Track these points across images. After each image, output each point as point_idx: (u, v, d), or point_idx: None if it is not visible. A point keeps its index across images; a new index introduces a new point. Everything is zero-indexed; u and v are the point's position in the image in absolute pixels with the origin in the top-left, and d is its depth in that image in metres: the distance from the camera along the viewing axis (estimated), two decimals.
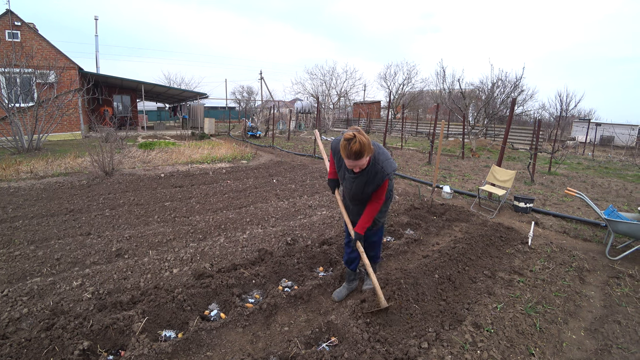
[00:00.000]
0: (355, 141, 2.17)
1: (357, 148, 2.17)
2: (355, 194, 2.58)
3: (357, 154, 2.19)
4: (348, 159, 2.26)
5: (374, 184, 2.45)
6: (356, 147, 2.17)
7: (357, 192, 2.55)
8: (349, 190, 2.62)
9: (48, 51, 14.56)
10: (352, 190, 2.57)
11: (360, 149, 2.18)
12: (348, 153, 2.21)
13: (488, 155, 13.67)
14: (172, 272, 3.30)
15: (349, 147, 2.18)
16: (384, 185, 2.50)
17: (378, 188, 2.49)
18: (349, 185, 2.58)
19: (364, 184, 2.47)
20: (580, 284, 3.41)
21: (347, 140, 2.20)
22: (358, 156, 2.21)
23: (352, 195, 2.62)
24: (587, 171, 11.06)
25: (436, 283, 3.11)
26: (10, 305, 2.74)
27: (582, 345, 2.50)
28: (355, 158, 2.22)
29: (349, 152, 2.20)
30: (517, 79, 14.28)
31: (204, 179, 7.62)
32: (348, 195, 2.70)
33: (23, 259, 3.53)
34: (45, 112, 11.29)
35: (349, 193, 2.66)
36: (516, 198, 5.78)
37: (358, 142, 2.17)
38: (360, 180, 2.47)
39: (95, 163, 7.59)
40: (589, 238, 4.71)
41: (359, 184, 2.49)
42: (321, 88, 31.73)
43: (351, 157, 2.22)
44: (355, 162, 2.27)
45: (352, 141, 2.18)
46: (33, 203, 5.49)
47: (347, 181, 2.57)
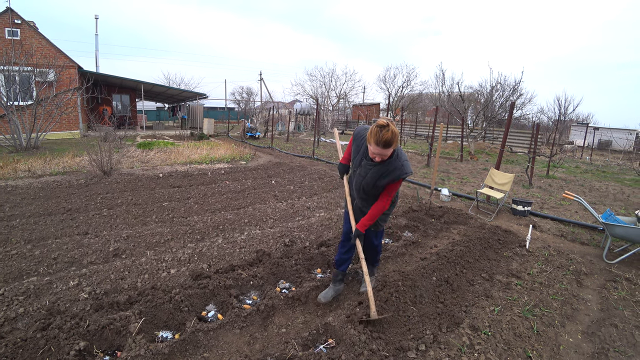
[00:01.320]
0: (389, 129, 2.15)
1: (388, 137, 2.15)
2: (368, 185, 2.52)
3: (386, 142, 2.17)
4: (376, 146, 2.21)
5: (389, 178, 2.41)
6: (388, 136, 2.15)
7: (370, 183, 2.49)
8: (362, 178, 2.54)
9: (48, 49, 14.54)
10: (366, 179, 2.50)
11: (392, 138, 2.16)
12: (378, 139, 2.18)
13: (486, 159, 13.71)
14: (170, 272, 3.29)
15: (381, 133, 2.16)
16: (397, 184, 2.47)
17: (390, 184, 2.45)
18: (364, 172, 2.51)
19: (379, 175, 2.43)
20: (577, 287, 3.42)
21: (380, 127, 2.17)
22: (387, 145, 2.19)
23: (364, 185, 2.54)
24: (585, 175, 11.10)
25: (434, 285, 3.11)
26: (6, 305, 2.72)
27: (579, 348, 2.50)
28: (384, 146, 2.20)
29: (379, 139, 2.17)
30: (516, 82, 14.36)
31: (202, 180, 7.61)
32: (358, 185, 2.62)
33: (20, 258, 3.51)
34: (44, 110, 11.26)
35: (360, 182, 2.58)
36: (514, 201, 5.79)
37: (391, 131, 2.16)
38: (376, 170, 2.43)
39: (93, 162, 7.57)
40: (587, 242, 4.73)
41: (375, 174, 2.44)
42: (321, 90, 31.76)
43: (380, 144, 2.19)
44: (382, 151, 2.23)
45: (385, 128, 2.16)
46: (30, 202, 5.47)
47: (363, 168, 2.51)
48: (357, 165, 2.58)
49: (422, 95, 31.31)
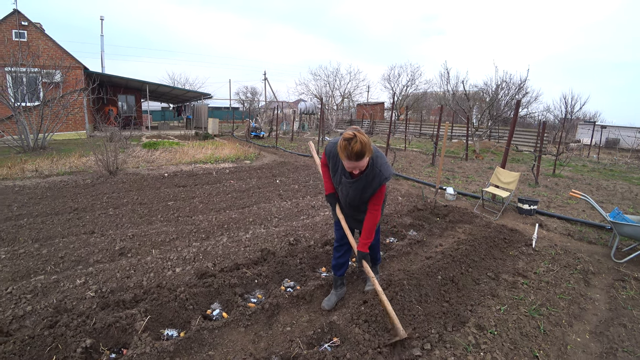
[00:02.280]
0: (356, 140, 2.04)
1: (358, 148, 2.05)
2: (353, 200, 2.47)
3: (358, 154, 2.07)
4: (349, 160, 2.12)
5: (372, 188, 2.35)
6: (357, 147, 2.04)
7: (355, 198, 2.44)
8: (346, 196, 2.50)
9: (54, 51, 14.69)
10: (349, 195, 2.46)
11: (362, 149, 2.06)
12: (349, 154, 2.07)
13: (492, 157, 13.61)
14: (175, 271, 3.30)
15: (350, 147, 2.05)
16: (382, 190, 2.38)
17: (375, 193, 2.38)
18: (346, 190, 2.46)
19: (361, 188, 2.37)
20: (585, 286, 3.38)
21: (347, 140, 2.06)
22: (359, 157, 2.08)
23: (350, 200, 2.51)
24: (592, 174, 10.97)
25: (439, 284, 3.10)
26: (14, 303, 2.75)
27: (587, 348, 2.47)
28: (357, 159, 2.09)
29: (349, 153, 2.07)
30: (522, 81, 14.24)
31: (207, 179, 7.64)
32: (344, 200, 2.58)
33: (27, 257, 3.55)
34: (50, 111, 11.38)
35: (345, 199, 2.54)
36: (520, 200, 5.75)
37: (359, 142, 2.04)
38: (357, 185, 2.37)
39: (99, 162, 7.64)
40: (594, 241, 4.67)
41: (357, 188, 2.38)
42: (325, 89, 31.80)
43: (352, 158, 2.09)
44: (356, 164, 2.14)
45: (352, 141, 2.05)
46: (38, 201, 5.53)
47: (344, 186, 2.46)
48: (338, 183, 2.53)
49: (427, 94, 31.22)
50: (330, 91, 31.82)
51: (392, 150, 11.02)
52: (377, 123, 28.17)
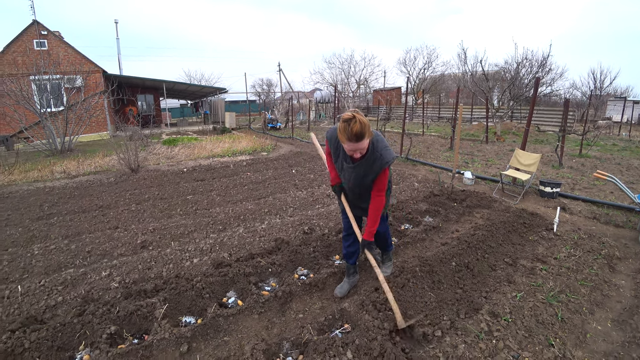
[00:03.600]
0: (355, 121, 2.03)
1: (357, 128, 2.03)
2: (355, 185, 2.48)
3: (357, 135, 2.05)
4: (349, 142, 2.10)
5: (373, 173, 2.33)
6: (357, 128, 2.03)
7: (357, 183, 2.45)
8: (348, 181, 2.51)
9: (73, 57, 15.21)
10: (352, 180, 2.46)
11: (361, 129, 2.04)
12: (349, 135, 2.06)
13: (513, 139, 13.12)
14: (193, 261, 3.43)
15: (349, 128, 2.03)
16: (384, 174, 2.36)
17: (377, 178, 2.36)
18: (348, 176, 2.47)
19: (363, 173, 2.37)
20: (609, 272, 3.25)
21: (345, 121, 2.05)
22: (359, 138, 2.07)
23: (352, 186, 2.52)
24: (622, 153, 10.40)
25: (453, 271, 3.06)
26: (47, 294, 2.95)
27: (608, 336, 2.38)
28: (357, 140, 2.08)
29: (349, 134, 2.05)
30: (544, 57, 13.54)
31: (224, 172, 7.79)
32: (347, 185, 2.59)
33: (58, 252, 3.77)
34: (74, 115, 11.86)
35: (348, 185, 2.56)
36: (542, 182, 5.54)
37: (358, 122, 2.03)
38: (359, 170, 2.36)
39: (122, 161, 7.93)
40: (622, 224, 4.45)
41: (358, 174, 2.38)
42: (340, 77, 31.36)
43: (352, 139, 2.07)
44: (356, 145, 2.12)
45: (351, 121, 2.03)
46: (66, 201, 5.82)
47: (346, 172, 2.47)
48: (340, 169, 2.53)
49: (445, 76, 30.27)
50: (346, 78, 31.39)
51: (409, 136, 10.82)
52: (394, 108, 27.66)
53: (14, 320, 2.58)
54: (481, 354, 2.13)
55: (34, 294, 2.94)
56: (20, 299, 2.87)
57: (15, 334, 2.33)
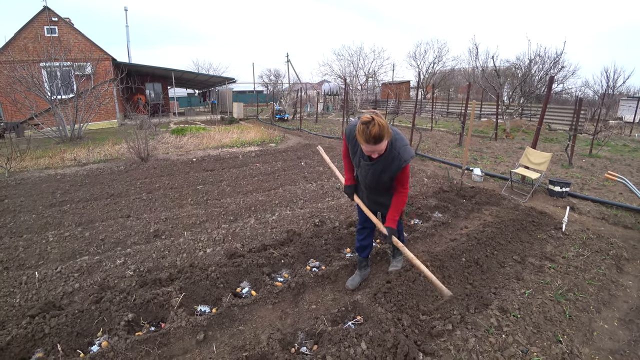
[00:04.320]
0: (374, 124, 2.03)
1: (376, 131, 2.03)
2: (372, 182, 2.49)
3: (376, 137, 2.05)
4: (367, 144, 2.11)
5: (390, 172, 2.34)
6: (375, 130, 2.03)
7: (373, 180, 2.46)
8: (365, 177, 2.52)
9: (84, 44, 15.25)
10: (368, 177, 2.48)
11: (380, 132, 2.04)
12: (367, 137, 2.06)
13: (523, 137, 13.02)
14: (206, 251, 3.49)
15: (368, 130, 2.04)
16: (405, 171, 2.37)
17: (397, 175, 2.37)
18: (364, 172, 2.48)
19: (380, 172, 2.38)
20: (617, 272, 3.27)
21: (364, 123, 2.06)
22: (378, 140, 2.07)
23: (368, 182, 2.53)
24: (633, 154, 10.28)
25: (463, 267, 3.10)
26: (63, 281, 3.03)
27: (614, 335, 2.42)
28: (375, 142, 2.08)
29: (367, 137, 2.06)
30: (557, 54, 13.33)
31: (234, 163, 7.85)
32: (363, 182, 2.61)
33: (72, 240, 3.85)
34: (84, 102, 11.93)
35: (364, 180, 2.57)
36: (551, 182, 5.53)
37: (377, 125, 2.03)
38: (376, 168, 2.37)
39: (131, 150, 8.01)
40: (630, 225, 4.44)
41: (375, 171, 2.39)
42: (348, 69, 31.17)
43: (370, 141, 2.08)
44: (374, 147, 2.13)
45: (370, 124, 2.04)
46: (78, 188, 5.91)
47: (362, 169, 2.48)
48: (357, 166, 2.55)
49: (455, 71, 29.95)
50: (354, 71, 31.19)
51: (418, 131, 10.77)
52: (403, 103, 27.47)
53: (32, 306, 2.65)
54: (491, 348, 2.18)
55: (50, 280, 3.02)
56: (37, 285, 2.95)
57: (35, 320, 2.40)
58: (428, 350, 2.10)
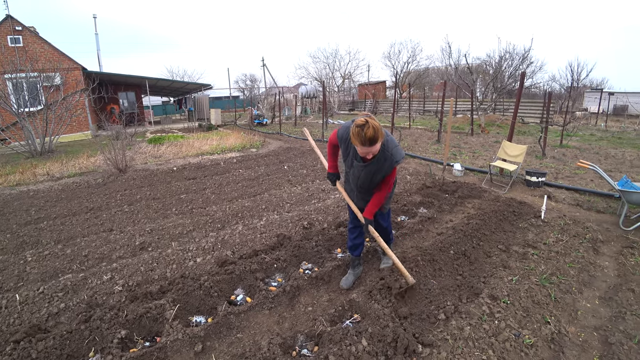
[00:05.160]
0: (369, 127, 2.10)
1: (371, 134, 2.10)
2: (364, 182, 2.56)
3: (371, 140, 2.13)
4: (362, 146, 2.18)
5: (383, 172, 2.42)
6: (370, 133, 2.10)
7: (366, 181, 2.52)
8: (357, 178, 2.58)
9: (51, 53, 14.65)
10: (361, 178, 2.54)
11: (374, 134, 2.11)
12: (362, 140, 2.14)
13: (498, 131, 13.49)
14: (196, 261, 3.44)
15: (363, 133, 2.11)
16: (393, 172, 2.47)
17: (386, 175, 2.47)
18: (357, 173, 2.54)
19: (373, 172, 2.44)
20: (594, 254, 3.45)
21: (359, 126, 2.13)
22: (372, 142, 2.15)
23: (360, 183, 2.59)
24: (600, 142, 10.86)
25: (452, 259, 3.20)
26: (47, 302, 2.90)
27: (596, 313, 2.57)
28: (370, 144, 2.16)
29: (363, 139, 2.13)
30: (526, 51, 13.92)
31: (216, 170, 7.74)
32: (355, 183, 2.66)
33: (53, 258, 3.70)
34: (54, 114, 11.45)
35: (356, 181, 2.63)
36: (528, 172, 5.76)
37: (372, 128, 2.10)
38: (369, 169, 2.44)
39: (108, 161, 7.76)
40: (603, 210, 4.71)
41: (369, 172, 2.46)
42: (325, 71, 31.39)
43: (365, 143, 2.15)
44: (369, 149, 2.20)
45: (365, 127, 2.11)
46: (54, 204, 5.68)
47: (355, 169, 2.53)
48: (350, 167, 2.62)
49: (429, 69, 30.67)
50: (331, 73, 31.44)
51: (397, 130, 10.98)
52: (380, 102, 27.87)
53: (16, 331, 2.51)
54: (486, 334, 2.27)
55: (33, 302, 2.88)
56: (19, 308, 2.81)
57: (20, 345, 2.28)
58: (426, 341, 2.15)
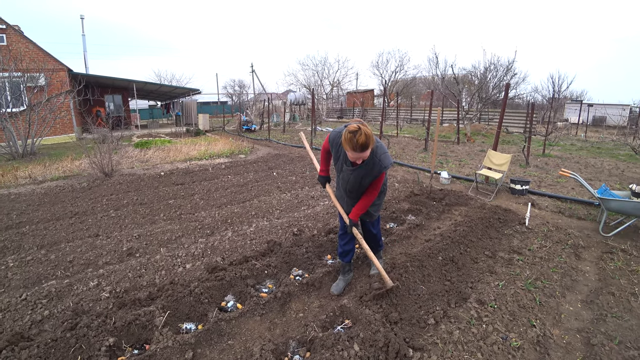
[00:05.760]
0: (361, 133, 2.18)
1: (363, 140, 2.18)
2: (353, 186, 2.62)
3: (363, 146, 2.20)
4: (353, 152, 2.26)
5: (371, 176, 2.49)
6: (362, 140, 2.18)
7: (355, 184, 2.59)
8: (346, 182, 2.65)
9: (36, 53, 14.33)
10: (350, 182, 2.60)
11: (366, 141, 2.19)
12: (354, 145, 2.21)
13: (483, 140, 13.82)
14: (186, 267, 3.40)
15: (355, 139, 2.18)
16: (381, 177, 2.54)
17: (375, 180, 2.54)
18: (347, 177, 2.60)
19: (362, 176, 2.51)
20: (576, 260, 3.58)
21: (352, 132, 2.19)
22: (364, 148, 2.22)
23: (350, 187, 2.65)
24: (580, 152, 11.26)
25: (440, 265, 3.26)
26: (30, 309, 2.82)
27: (579, 315, 2.67)
28: (361, 150, 2.23)
29: (354, 145, 2.20)
30: (510, 62, 14.38)
31: (204, 175, 7.68)
32: (344, 187, 2.72)
33: (36, 263, 3.60)
34: (37, 116, 11.17)
35: (345, 185, 2.69)
36: (512, 181, 5.93)
37: (364, 134, 2.18)
38: (358, 173, 2.51)
39: (94, 165, 7.60)
40: (584, 217, 4.88)
41: (357, 176, 2.52)
42: (313, 79, 31.64)
43: (357, 149, 2.22)
44: (360, 155, 2.28)
45: (357, 133, 2.18)
46: (36, 208, 5.53)
47: (345, 173, 2.61)
48: (340, 171, 2.69)
49: (416, 79, 31.27)
50: (319, 80, 31.69)
51: (386, 138, 11.13)
52: (369, 110, 28.20)
53: None
54: (474, 338, 2.33)
55: (16, 310, 2.80)
56: (0, 316, 2.73)
57: (2, 354, 2.22)
58: (417, 346, 2.19)
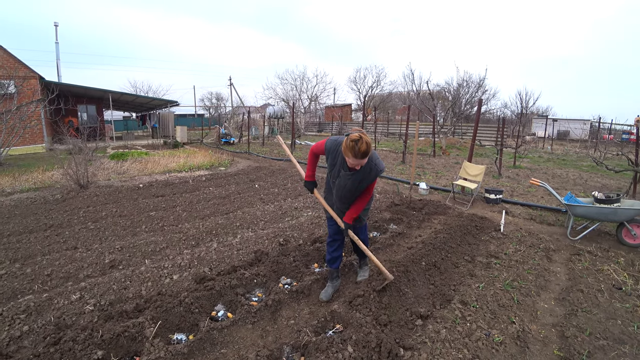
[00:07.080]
0: (363, 142, 2.33)
1: (364, 148, 2.33)
2: (349, 191, 2.74)
3: (364, 153, 2.35)
4: (355, 158, 2.39)
5: (368, 180, 2.66)
6: (364, 148, 2.33)
7: (352, 188, 2.72)
8: (342, 187, 2.76)
9: (6, 60, 13.80)
10: (347, 187, 2.72)
11: (367, 148, 2.35)
12: (355, 153, 2.35)
13: (457, 153, 14.41)
14: (173, 278, 3.36)
15: (357, 147, 2.33)
16: (375, 181, 2.73)
17: (370, 184, 2.72)
18: (343, 182, 2.72)
19: (359, 181, 2.66)
20: (547, 262, 3.84)
21: (354, 141, 2.34)
22: (364, 155, 2.37)
23: (345, 192, 2.77)
24: (547, 163, 11.96)
25: (424, 270, 3.40)
26: (7, 325, 2.70)
27: (553, 312, 2.88)
28: (362, 157, 2.38)
29: (356, 152, 2.34)
30: (481, 79, 15.20)
31: (185, 187, 7.58)
32: (339, 193, 2.83)
33: (10, 278, 3.45)
34: (6, 125, 10.70)
35: (340, 191, 2.80)
36: (487, 190, 6.24)
37: (365, 143, 2.34)
38: (356, 177, 2.65)
39: (68, 176, 7.35)
40: (553, 222, 5.23)
41: (355, 180, 2.66)
42: (292, 93, 31.95)
43: (358, 156, 2.36)
44: (360, 161, 2.43)
45: (359, 142, 2.33)
46: (6, 220, 5.28)
47: (342, 178, 2.72)
48: (336, 177, 2.81)
49: (392, 94, 32.24)
50: (298, 94, 32.05)
51: None
52: (347, 124, 28.71)
53: None
54: (460, 335, 2.47)
55: None
56: None
57: None
58: (407, 345, 2.29)
